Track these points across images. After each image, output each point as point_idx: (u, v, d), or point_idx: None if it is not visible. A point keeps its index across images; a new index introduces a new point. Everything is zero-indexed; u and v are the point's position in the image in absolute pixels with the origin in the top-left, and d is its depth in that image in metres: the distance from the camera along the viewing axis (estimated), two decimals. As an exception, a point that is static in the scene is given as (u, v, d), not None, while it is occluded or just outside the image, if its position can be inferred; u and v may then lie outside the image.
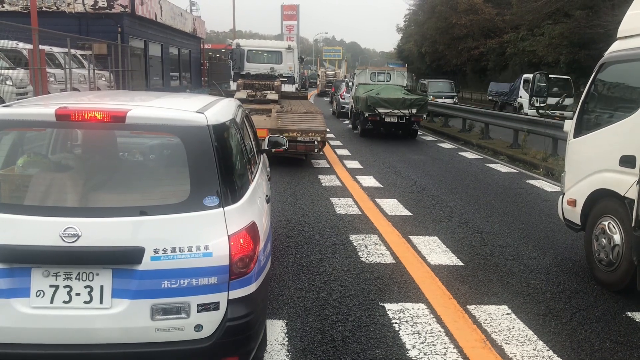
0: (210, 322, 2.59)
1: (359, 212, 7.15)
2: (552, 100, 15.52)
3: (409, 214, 7.18)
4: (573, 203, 5.37)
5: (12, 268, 2.47)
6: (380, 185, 9.01)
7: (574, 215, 5.38)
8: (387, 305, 4.24)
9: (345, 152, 13.01)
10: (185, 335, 2.57)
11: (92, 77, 17.98)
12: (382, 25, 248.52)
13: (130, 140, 3.69)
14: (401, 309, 4.19)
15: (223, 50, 65.67)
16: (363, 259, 5.30)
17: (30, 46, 14.46)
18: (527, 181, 9.91)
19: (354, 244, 5.77)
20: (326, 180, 9.38)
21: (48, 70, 15.28)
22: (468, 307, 4.28)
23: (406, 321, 3.99)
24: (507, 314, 4.19)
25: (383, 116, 14.75)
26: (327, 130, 12.05)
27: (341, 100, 22.59)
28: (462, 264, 5.29)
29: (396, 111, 14.70)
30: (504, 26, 41.17)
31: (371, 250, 5.59)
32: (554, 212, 7.60)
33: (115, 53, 20.45)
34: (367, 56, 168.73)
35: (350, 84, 20.86)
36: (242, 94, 13.37)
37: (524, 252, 5.73)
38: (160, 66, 28.98)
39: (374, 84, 17.80)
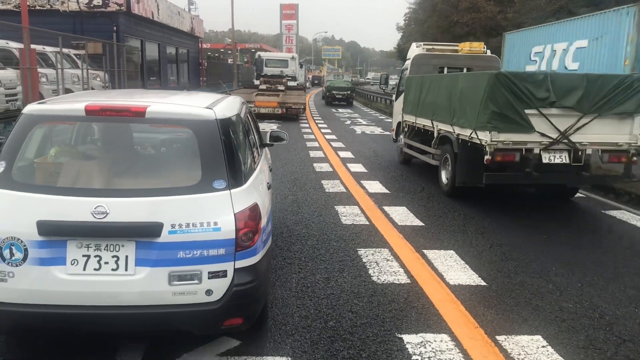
0: (219, 287, 2.96)
1: (367, 222, 6.63)
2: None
3: (421, 223, 6.65)
4: (394, 130, 12.22)
5: (51, 240, 2.86)
6: (388, 192, 8.49)
7: (393, 135, 12.35)
8: (406, 337, 3.71)
9: (348, 154, 12.49)
10: (197, 299, 2.94)
11: (85, 77, 17.45)
12: (382, 24, 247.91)
13: (150, 131, 4.01)
14: (422, 342, 3.66)
15: (222, 50, 65.16)
16: (374, 278, 4.78)
17: (21, 45, 13.93)
18: (542, 186, 9.38)
19: (364, 260, 5.24)
20: (330, 185, 8.86)
21: (40, 70, 14.74)
22: (497, 338, 3.76)
23: (428, 357, 3.46)
24: (543, 346, 3.66)
25: (335, 94, 33.59)
26: (308, 103, 24.79)
27: (324, 90, 39.10)
28: (484, 283, 4.77)
29: (341, 92, 33.69)
30: (506, 24, 40.60)
31: (383, 267, 5.07)
32: (573, 220, 7.10)
33: (110, 52, 19.95)
34: (367, 55, 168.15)
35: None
36: (263, 86, 23.72)
37: (550, 269, 5.21)
38: (157, 66, 28.44)
39: (334, 80, 38.50)
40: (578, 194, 8.67)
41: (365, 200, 7.83)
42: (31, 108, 3.23)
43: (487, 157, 6.81)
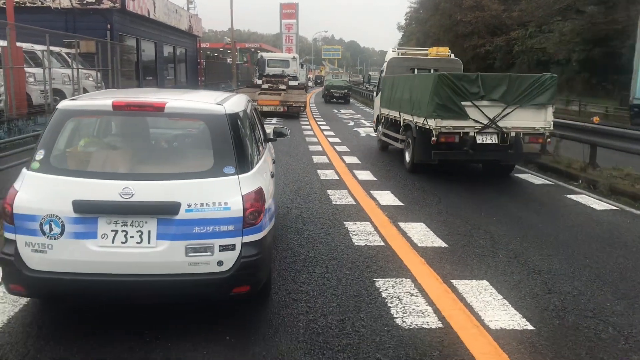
0: (229, 259, 3.38)
1: (382, 243, 5.80)
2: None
3: (444, 244, 5.83)
4: (374, 122, 13.92)
5: (84, 217, 3.28)
6: (401, 204, 7.66)
7: (374, 126, 14.01)
8: (449, 414, 2.89)
9: (354, 159, 11.66)
10: (210, 269, 3.35)
11: (76, 76, 16.62)
12: (382, 24, 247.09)
13: (169, 123, 4.35)
14: (469, 420, 2.84)
15: (221, 50, 64.16)
16: (399, 321, 3.94)
17: (6, 43, 13.10)
18: (568, 196, 8.56)
19: (383, 295, 4.42)
20: (337, 196, 8.03)
21: (27, 69, 13.93)
22: (564, 412, 2.94)
23: None
24: None
25: (333, 93, 35.66)
26: (308, 102, 27.03)
27: (323, 88, 41.45)
28: (531, 327, 3.94)
29: (339, 90, 35.67)
30: (511, 23, 39.79)
31: (407, 305, 4.24)
32: (615, 239, 6.29)
33: (104, 51, 19.15)
34: (367, 55, 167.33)
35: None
36: (266, 85, 24.20)
37: (604, 305, 4.39)
38: (153, 65, 27.60)
39: (332, 79, 39.60)
40: (611, 207, 7.87)
41: (377, 215, 7.01)
42: (65, 104, 3.73)
43: (433, 138, 8.87)
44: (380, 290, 4.52)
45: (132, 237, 3.29)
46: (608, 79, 30.64)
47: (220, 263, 3.36)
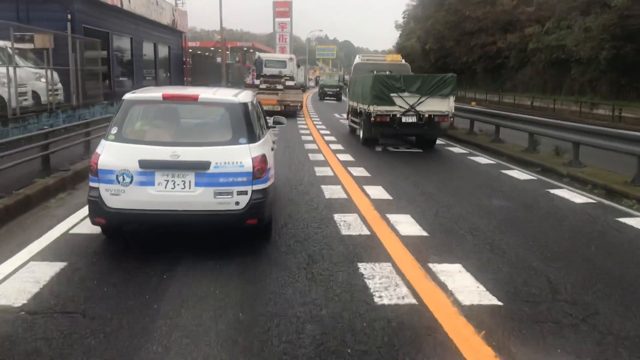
0: (243, 200, 5.09)
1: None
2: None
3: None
4: (346, 113, 19.47)
5: (146, 171, 5.00)
6: (495, 303, 4.41)
7: (347, 116, 18.93)
8: None
9: (379, 191, 8.39)
10: (230, 207, 5.07)
11: (23, 77, 13.28)
12: (376, 24, 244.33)
13: (203, 110, 5.94)
14: None
15: (212, 48, 60.74)
16: None
17: None
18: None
19: None
20: (369, 267, 4.82)
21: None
22: None
23: None
24: None
25: (327, 91, 42.79)
26: (305, 103, 30.85)
27: (318, 87, 47.83)
28: None
29: (331, 89, 42.70)
30: (524, 19, 36.69)
31: None
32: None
33: (63, 46, 15.83)
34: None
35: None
36: (264, 85, 24.92)
37: None
38: (130, 63, 24.23)
39: (326, 79, 48.36)
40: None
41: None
42: (129, 96, 5.57)
43: (372, 118, 13.11)
44: None
45: (178, 184, 4.99)
46: (640, 80, 27.51)
47: (237, 203, 5.06)
